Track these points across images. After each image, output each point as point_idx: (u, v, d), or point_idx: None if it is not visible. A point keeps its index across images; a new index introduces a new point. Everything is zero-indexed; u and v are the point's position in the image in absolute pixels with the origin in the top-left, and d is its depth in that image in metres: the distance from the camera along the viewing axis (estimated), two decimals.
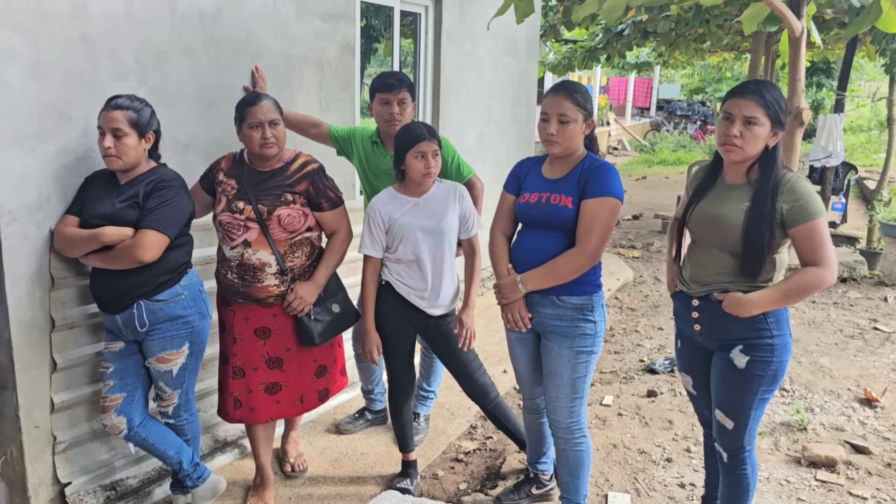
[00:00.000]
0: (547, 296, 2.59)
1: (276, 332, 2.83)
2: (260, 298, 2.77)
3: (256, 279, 2.74)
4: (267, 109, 2.68)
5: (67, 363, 2.75)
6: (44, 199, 2.61)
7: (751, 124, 2.26)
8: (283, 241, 2.75)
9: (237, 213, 2.72)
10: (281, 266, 2.75)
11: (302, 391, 2.94)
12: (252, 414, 2.87)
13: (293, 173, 2.79)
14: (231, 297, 2.82)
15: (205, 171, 2.92)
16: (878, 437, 3.57)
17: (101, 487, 2.90)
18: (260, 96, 2.75)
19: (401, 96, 3.12)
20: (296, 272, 2.81)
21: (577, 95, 2.52)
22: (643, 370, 4.46)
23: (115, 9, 2.77)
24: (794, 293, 2.27)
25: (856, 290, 6.32)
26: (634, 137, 20.17)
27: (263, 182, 2.76)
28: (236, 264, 2.75)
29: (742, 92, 2.30)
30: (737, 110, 2.28)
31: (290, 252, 2.78)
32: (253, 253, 2.72)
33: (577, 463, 2.70)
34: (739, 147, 2.29)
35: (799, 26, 3.67)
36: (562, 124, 2.51)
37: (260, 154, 2.73)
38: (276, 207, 2.72)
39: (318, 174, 2.82)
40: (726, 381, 2.42)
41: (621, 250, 7.98)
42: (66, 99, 2.64)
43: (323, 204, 2.81)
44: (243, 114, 2.71)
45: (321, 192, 2.80)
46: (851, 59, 7.32)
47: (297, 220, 2.76)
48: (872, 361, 4.62)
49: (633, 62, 13.53)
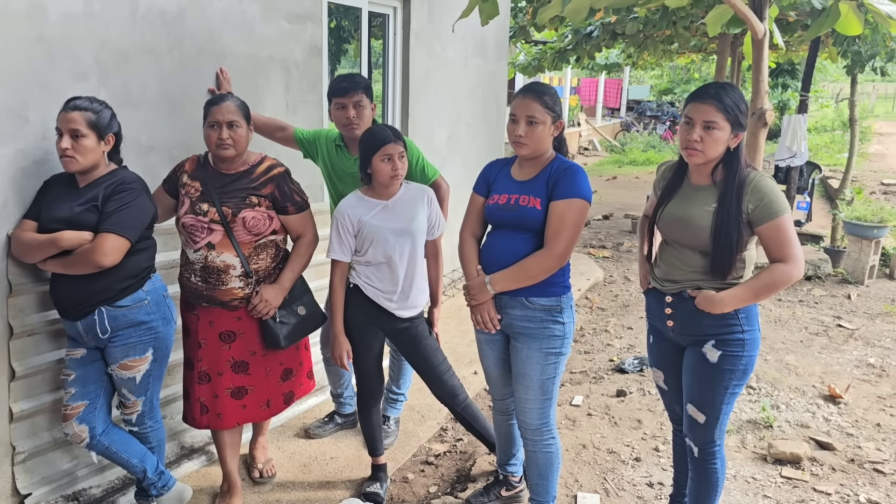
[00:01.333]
0: (516, 297, 2.59)
1: (241, 335, 2.80)
2: (224, 301, 2.74)
3: (220, 282, 2.71)
4: (227, 111, 2.65)
5: (27, 371, 2.68)
6: (0, 204, 2.54)
7: (710, 129, 2.30)
8: (247, 243, 2.72)
9: (201, 216, 2.69)
10: (245, 268, 2.72)
11: (268, 395, 2.91)
12: (219, 419, 2.84)
13: (258, 176, 2.76)
14: (195, 300, 2.78)
15: (168, 173, 2.87)
16: (842, 433, 3.63)
17: (63, 498, 2.84)
18: (225, 97, 2.72)
19: (356, 99, 3.06)
20: (260, 274, 2.78)
21: (545, 97, 2.52)
22: (613, 370, 4.48)
23: (74, 8, 2.71)
24: (764, 290, 2.33)
25: (820, 288, 6.43)
26: (605, 138, 20.31)
27: (228, 185, 2.73)
28: (200, 267, 2.71)
29: (702, 97, 2.34)
30: (697, 115, 2.32)
31: (255, 254, 2.75)
32: (217, 255, 2.69)
33: (546, 464, 2.71)
34: (700, 151, 2.33)
35: (761, 28, 3.72)
36: (530, 126, 2.51)
37: (215, 154, 2.71)
38: (241, 210, 2.69)
39: (284, 178, 2.79)
40: (698, 375, 2.46)
41: (591, 250, 8.03)
42: (22, 101, 2.58)
43: (289, 208, 2.79)
44: (205, 112, 2.70)
45: (287, 196, 2.78)
46: (814, 61, 7.43)
47: (261, 223, 2.73)
48: (836, 358, 4.70)
49: (603, 63, 13.63)
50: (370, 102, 3.14)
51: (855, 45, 7.32)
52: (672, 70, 24.04)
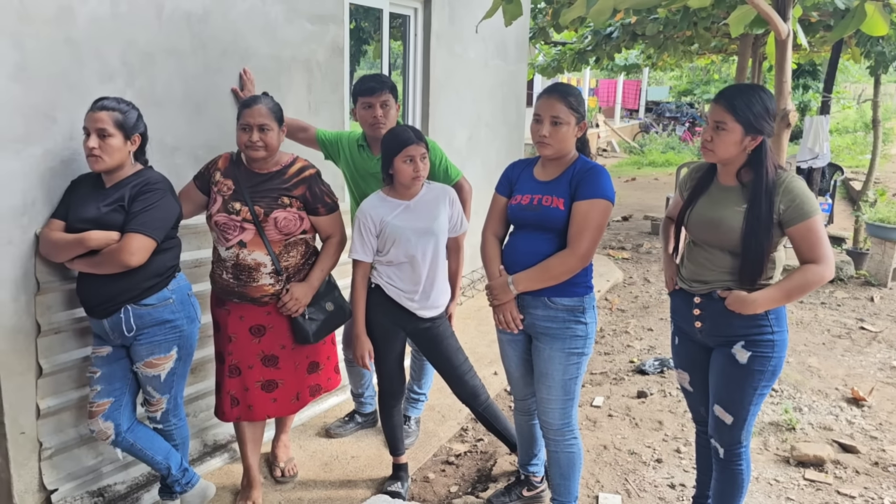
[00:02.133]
0: (538, 297, 2.59)
1: (271, 329, 2.84)
2: (255, 298, 2.78)
3: (252, 279, 2.75)
4: (259, 114, 2.69)
5: (53, 368, 2.72)
6: (29, 203, 2.58)
7: (719, 129, 2.34)
8: (277, 241, 2.77)
9: (233, 214, 2.73)
10: (276, 266, 2.76)
11: (297, 388, 2.97)
12: (249, 412, 2.89)
13: (291, 177, 2.80)
14: (226, 296, 2.83)
15: (200, 169, 2.92)
16: (866, 436, 3.59)
17: (89, 494, 2.87)
18: (258, 99, 2.75)
19: (383, 99, 3.10)
20: (290, 271, 2.82)
21: (570, 98, 2.52)
22: (633, 371, 4.46)
23: (101, 11, 2.74)
24: (797, 290, 2.32)
25: (843, 291, 6.36)
26: (623, 139, 20.23)
27: (260, 184, 2.77)
28: (231, 264, 2.76)
29: (715, 98, 2.39)
30: (710, 114, 2.40)
31: (285, 252, 2.80)
32: (248, 253, 2.73)
33: (568, 464, 2.70)
34: (711, 150, 2.39)
35: (785, 29, 3.69)
36: (554, 126, 2.51)
37: (246, 155, 2.76)
38: (273, 210, 2.73)
39: (316, 179, 2.84)
40: (727, 376, 2.45)
41: (611, 252, 8.00)
42: (51, 102, 2.61)
43: (319, 209, 2.83)
44: (238, 114, 2.75)
45: (318, 198, 2.82)
46: (837, 62, 7.38)
47: (292, 223, 2.77)
48: (860, 361, 4.65)
49: (622, 64, 13.58)
50: (395, 102, 3.17)
51: (878, 46, 7.24)
52: (692, 71, 23.91)
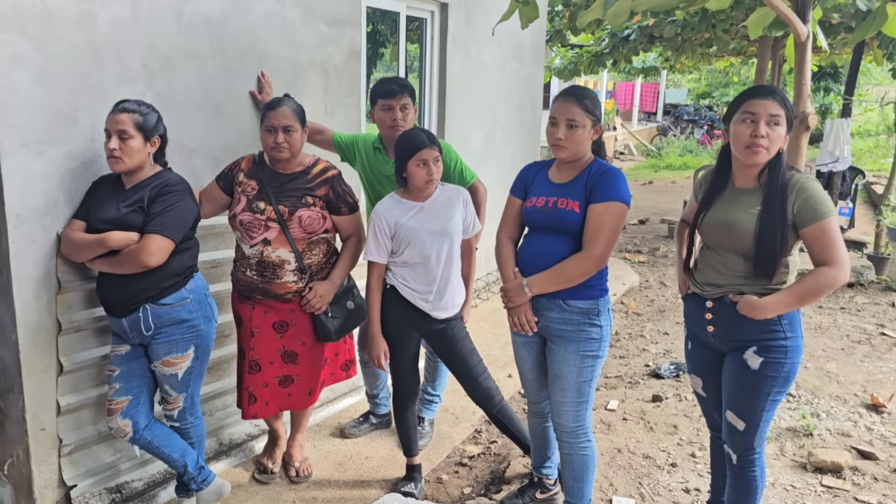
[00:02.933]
0: (553, 300, 2.59)
1: (294, 326, 2.94)
2: (279, 294, 2.87)
3: (276, 275, 2.84)
4: (283, 115, 2.77)
5: (74, 366, 2.76)
6: (51, 204, 2.62)
7: (776, 124, 2.26)
8: (301, 240, 2.85)
9: (258, 213, 2.82)
10: (300, 263, 2.85)
11: (311, 384, 3.06)
12: (266, 408, 3.03)
13: (314, 178, 2.89)
14: (250, 293, 2.91)
15: (223, 170, 2.99)
16: (885, 443, 3.55)
17: (107, 490, 2.91)
18: (282, 101, 2.82)
19: (403, 102, 3.13)
20: (313, 269, 2.92)
21: (586, 101, 2.52)
22: (648, 375, 4.45)
23: (122, 14, 2.78)
24: (809, 294, 2.28)
25: (863, 296, 6.30)
26: (641, 142, 20.14)
27: (284, 184, 2.86)
28: (256, 261, 2.84)
29: (762, 93, 2.28)
30: (762, 110, 2.25)
31: (308, 250, 2.89)
32: (273, 251, 2.82)
33: (581, 467, 2.70)
34: (766, 148, 2.27)
35: (804, 31, 3.67)
36: (570, 129, 2.51)
37: (271, 156, 2.85)
38: (298, 209, 2.82)
39: (338, 180, 2.93)
40: (739, 382, 2.42)
41: (627, 255, 7.97)
42: (73, 104, 2.65)
43: (342, 209, 2.92)
44: (263, 116, 2.82)
45: (340, 198, 2.91)
46: (858, 64, 7.32)
47: (316, 222, 2.86)
48: (879, 367, 4.60)
49: (640, 67, 13.54)
50: (414, 106, 3.20)
51: None
52: (710, 74, 23.77)
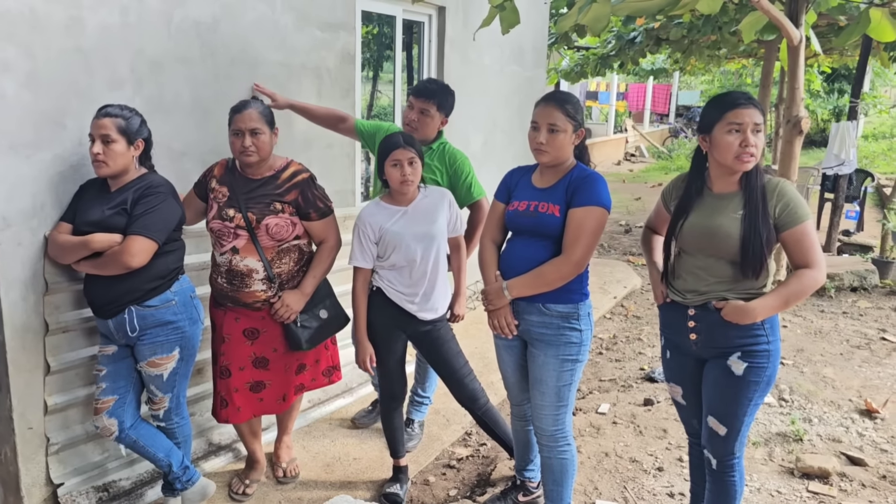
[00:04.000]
0: (533, 303, 2.60)
1: (265, 333, 2.91)
2: (248, 303, 2.84)
3: (244, 284, 2.80)
4: (249, 118, 2.73)
5: (61, 366, 2.81)
6: (38, 206, 2.67)
7: (758, 132, 2.28)
8: (270, 248, 2.81)
9: (227, 221, 2.78)
10: (268, 273, 2.81)
11: (284, 390, 3.04)
12: (237, 413, 2.98)
13: (283, 182, 2.83)
14: (222, 300, 2.90)
15: (199, 177, 2.97)
16: (876, 449, 3.52)
17: (94, 489, 2.95)
18: (247, 104, 2.79)
19: (424, 106, 3.21)
20: (283, 278, 2.86)
21: (567, 106, 2.53)
22: (642, 378, 4.44)
23: (111, 20, 2.83)
24: (794, 296, 2.30)
25: (866, 300, 6.24)
26: (652, 144, 20.05)
27: (254, 190, 2.81)
28: (225, 269, 2.82)
29: (742, 102, 2.28)
30: (747, 119, 2.26)
31: (278, 259, 2.84)
32: (241, 260, 2.78)
33: (560, 471, 2.71)
34: (755, 157, 2.28)
35: (797, 35, 3.65)
36: (552, 134, 2.53)
37: (239, 161, 2.80)
38: (265, 216, 2.77)
39: (308, 184, 2.87)
40: (721, 387, 2.42)
41: (631, 258, 7.95)
42: (60, 108, 2.70)
43: (311, 214, 2.86)
44: (229, 119, 2.79)
45: (310, 203, 2.85)
46: (864, 67, 7.23)
47: (284, 230, 2.81)
48: (877, 372, 4.56)
49: (649, 68, 13.49)
50: (441, 115, 3.26)
51: None
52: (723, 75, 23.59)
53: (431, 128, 3.26)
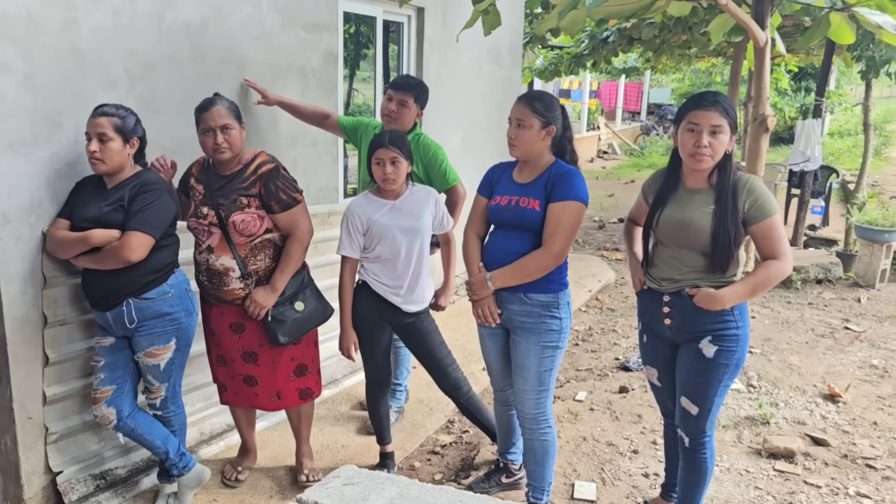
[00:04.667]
0: (515, 293, 2.74)
1: (249, 328, 2.96)
2: (227, 301, 2.92)
3: (223, 283, 2.87)
4: (218, 115, 2.76)
5: (59, 358, 2.89)
6: (36, 203, 2.75)
7: (717, 133, 2.43)
8: (243, 244, 2.84)
9: (201, 219, 2.84)
10: (242, 271, 2.85)
11: (278, 387, 3.06)
12: (236, 398, 3.13)
13: (248, 176, 2.84)
14: (206, 296, 3.00)
15: (182, 176, 3.05)
16: (838, 431, 3.73)
17: (92, 476, 3.03)
18: (213, 101, 2.82)
19: (402, 98, 3.36)
20: (260, 275, 2.89)
21: (536, 104, 2.68)
22: (618, 368, 4.61)
23: (105, 22, 2.91)
24: (761, 285, 2.48)
25: (831, 292, 6.49)
26: (624, 141, 20.34)
27: (223, 186, 2.84)
28: (204, 269, 2.90)
29: (704, 104, 2.44)
30: (704, 121, 2.42)
31: (252, 255, 2.86)
32: (216, 259, 2.84)
33: (542, 452, 2.85)
34: (710, 157, 2.45)
35: (763, 37, 3.83)
36: (519, 128, 2.69)
37: (213, 159, 2.84)
38: (232, 212, 2.79)
39: (272, 175, 2.83)
40: (694, 369, 2.59)
41: (605, 253, 8.13)
42: (57, 108, 2.78)
43: (273, 206, 2.83)
44: (197, 119, 2.81)
45: (272, 194, 2.82)
46: (829, 67, 7.50)
47: (252, 225, 2.82)
48: (840, 359, 4.79)
49: (621, 67, 13.70)
50: (417, 107, 3.40)
51: (869, 51, 7.37)
52: (694, 74, 23.97)
53: (408, 118, 3.42)
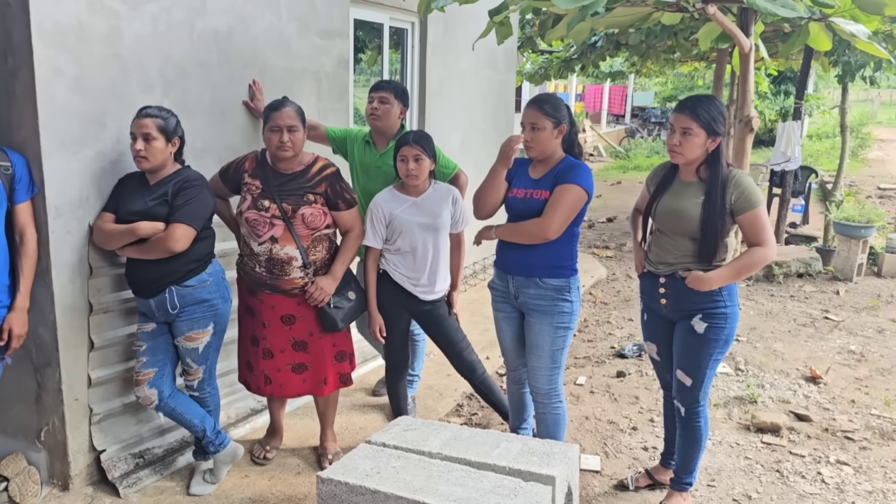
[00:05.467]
0: (530, 278, 2.99)
1: (301, 318, 3.18)
2: (286, 290, 3.12)
3: (284, 272, 3.09)
4: (287, 116, 3.00)
5: (103, 343, 3.10)
6: (84, 198, 2.96)
7: (687, 134, 2.74)
8: (305, 236, 3.09)
9: (262, 211, 3.05)
10: (304, 260, 3.10)
11: (325, 373, 3.29)
12: (281, 389, 3.29)
13: (314, 175, 3.11)
14: (258, 287, 3.16)
15: (225, 167, 3.24)
16: (819, 408, 4.02)
17: (131, 455, 3.25)
18: (284, 102, 3.06)
19: (381, 95, 3.52)
20: (317, 265, 3.15)
21: (545, 106, 2.93)
22: (614, 355, 4.88)
23: (144, 30, 3.13)
24: (745, 269, 2.77)
25: (811, 285, 6.81)
26: (610, 144, 20.71)
27: (286, 183, 3.08)
28: (265, 258, 3.08)
29: (679, 108, 2.79)
30: (676, 123, 2.77)
31: (313, 247, 3.12)
32: (281, 248, 3.06)
33: (554, 424, 3.11)
34: (680, 153, 2.78)
35: (747, 43, 4.12)
36: (534, 132, 2.93)
37: (275, 156, 3.07)
38: (300, 206, 3.05)
39: (336, 177, 3.15)
40: (687, 345, 2.88)
41: (596, 251, 8.42)
42: (102, 109, 3.00)
43: (340, 205, 3.14)
44: (266, 117, 3.05)
45: (338, 194, 3.13)
46: (808, 71, 7.84)
47: (318, 219, 3.09)
48: (821, 346, 5.09)
49: (607, 71, 14.03)
50: (399, 104, 3.56)
51: (845, 56, 7.72)
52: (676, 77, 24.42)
53: (392, 115, 3.56)
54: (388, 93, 3.53)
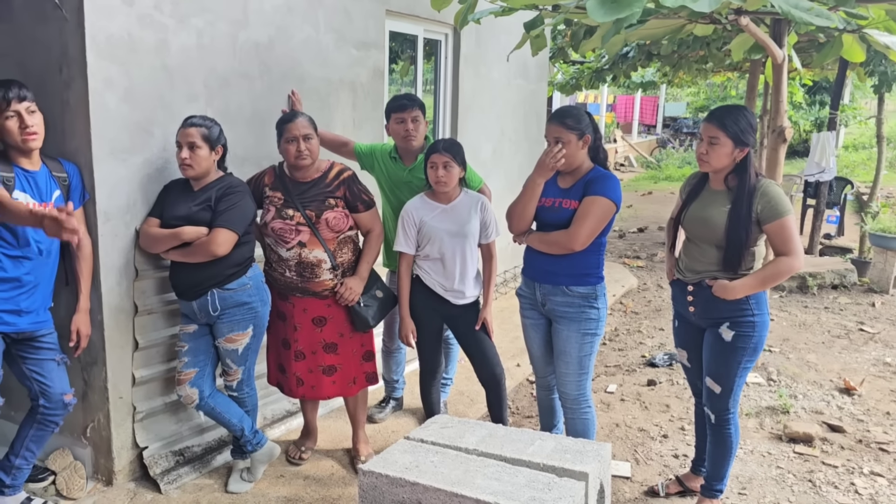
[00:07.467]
0: (557, 286, 3.04)
1: (331, 320, 3.28)
2: (317, 292, 3.22)
3: (314, 275, 3.19)
4: (301, 126, 3.11)
5: (147, 344, 3.21)
6: (131, 203, 3.08)
7: (713, 143, 2.78)
8: (331, 240, 3.20)
9: (287, 220, 3.15)
10: (332, 262, 3.20)
11: (354, 373, 3.39)
12: (313, 391, 3.37)
13: (331, 181, 3.21)
14: (289, 292, 3.26)
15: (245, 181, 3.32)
16: (853, 420, 3.99)
17: (172, 453, 3.35)
18: (295, 114, 3.17)
19: (413, 114, 3.55)
20: (345, 266, 3.27)
21: (567, 120, 2.96)
22: (644, 364, 4.89)
23: (189, 42, 3.25)
24: (770, 278, 2.78)
25: (846, 297, 6.74)
26: (641, 154, 20.63)
27: (306, 191, 3.18)
28: (295, 263, 3.18)
29: (707, 118, 2.84)
30: (704, 132, 2.83)
31: (339, 249, 3.24)
32: (310, 252, 3.16)
33: (583, 430, 3.14)
34: (707, 161, 2.83)
35: (780, 54, 4.12)
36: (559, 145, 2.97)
37: (295, 165, 3.15)
38: (323, 211, 3.15)
39: (353, 180, 3.25)
40: (715, 352, 2.90)
41: (626, 260, 8.41)
42: (149, 118, 3.12)
43: (359, 206, 3.25)
44: (281, 130, 3.16)
45: (357, 196, 3.24)
46: (842, 81, 7.79)
47: (341, 221, 3.21)
48: (855, 357, 5.04)
49: (639, 81, 14.00)
50: (424, 119, 3.63)
51: (882, 66, 7.64)
52: (709, 88, 24.25)
53: (423, 132, 3.62)
54: (417, 111, 3.56)
